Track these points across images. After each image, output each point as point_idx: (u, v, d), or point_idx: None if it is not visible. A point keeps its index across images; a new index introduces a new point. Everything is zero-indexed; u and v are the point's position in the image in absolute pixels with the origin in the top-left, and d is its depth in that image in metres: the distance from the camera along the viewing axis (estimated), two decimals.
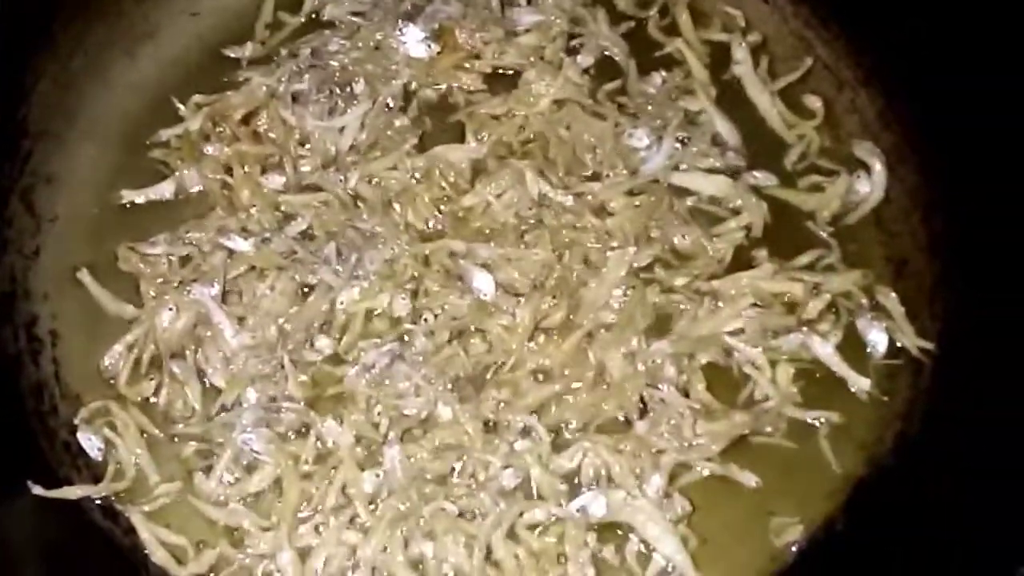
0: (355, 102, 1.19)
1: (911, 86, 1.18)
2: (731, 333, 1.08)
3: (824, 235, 1.15)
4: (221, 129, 1.18)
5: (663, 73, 1.24)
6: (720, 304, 1.10)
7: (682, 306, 1.10)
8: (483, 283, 1.08)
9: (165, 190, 1.16)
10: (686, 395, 1.05)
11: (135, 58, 1.24)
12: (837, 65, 1.24)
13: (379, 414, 1.04)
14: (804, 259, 1.13)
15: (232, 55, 1.25)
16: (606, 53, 1.26)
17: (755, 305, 1.10)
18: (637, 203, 1.14)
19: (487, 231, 1.13)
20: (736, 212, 1.16)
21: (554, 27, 1.26)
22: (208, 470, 1.02)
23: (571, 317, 1.08)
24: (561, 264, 1.11)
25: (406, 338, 1.07)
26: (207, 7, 1.28)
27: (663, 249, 1.13)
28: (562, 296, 1.09)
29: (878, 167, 1.17)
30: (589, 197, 1.15)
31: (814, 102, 1.23)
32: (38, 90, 1.16)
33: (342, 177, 1.15)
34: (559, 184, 1.15)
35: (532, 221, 1.14)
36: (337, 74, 1.21)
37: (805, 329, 1.09)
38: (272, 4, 1.29)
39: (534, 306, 1.08)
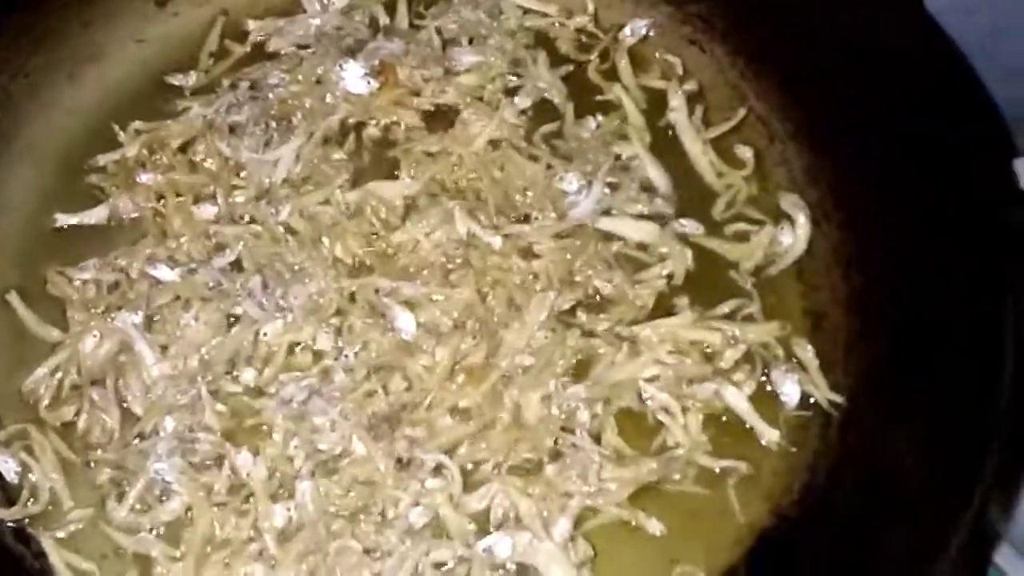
0: (292, 136, 1.20)
1: (839, 142, 1.20)
2: (647, 379, 1.10)
3: (746, 285, 1.17)
4: (157, 157, 1.19)
5: (599, 117, 1.26)
6: (639, 350, 1.11)
7: (601, 350, 1.12)
8: (405, 322, 1.10)
9: (98, 215, 1.17)
10: (598, 440, 1.07)
11: (77, 82, 1.26)
12: (769, 117, 1.26)
13: (295, 448, 1.05)
14: (725, 308, 1.15)
15: (175, 83, 1.26)
16: (544, 96, 1.28)
17: (672, 352, 1.11)
18: (564, 246, 1.16)
19: (413, 269, 1.15)
20: (662, 258, 1.18)
21: (494, 68, 1.28)
22: (120, 497, 1.03)
23: (490, 359, 1.10)
24: (484, 305, 1.12)
25: (326, 374, 1.08)
26: (153, 34, 1.30)
27: (586, 293, 1.15)
28: (483, 337, 1.10)
29: (802, 220, 1.19)
30: (517, 238, 1.16)
31: (745, 152, 1.25)
32: None
33: (274, 209, 1.16)
34: (488, 224, 1.17)
35: (459, 261, 1.15)
36: (275, 107, 1.22)
37: (719, 379, 1.10)
38: (218, 33, 1.30)
39: (454, 346, 1.09)
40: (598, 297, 1.15)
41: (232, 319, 1.11)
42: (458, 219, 1.15)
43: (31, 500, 1.04)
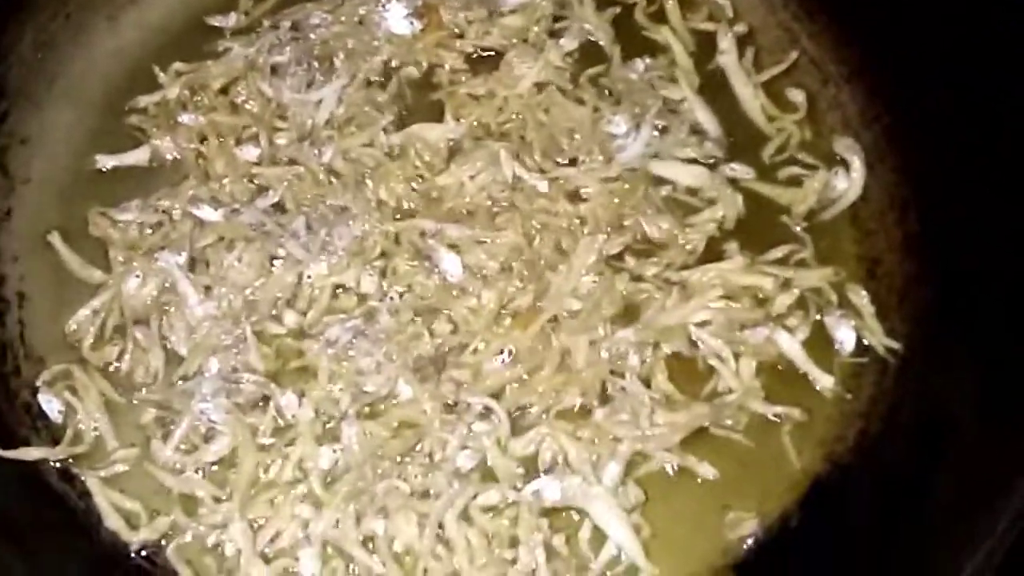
0: (334, 76, 1.18)
1: (895, 84, 1.17)
2: (698, 324, 1.08)
3: (798, 230, 1.14)
4: (199, 98, 1.18)
5: (646, 60, 1.23)
6: (689, 295, 1.09)
7: (650, 295, 1.09)
8: (451, 264, 1.08)
9: (140, 157, 1.16)
10: (648, 385, 1.05)
11: (117, 23, 1.24)
12: (822, 59, 1.23)
13: (340, 390, 1.04)
14: (776, 253, 1.12)
15: (215, 24, 1.24)
16: (590, 38, 1.24)
17: (723, 297, 1.09)
18: (612, 190, 1.14)
19: (459, 212, 1.13)
20: (711, 203, 1.15)
21: (539, 9, 1.25)
22: (166, 437, 1.02)
23: (538, 302, 1.08)
24: (531, 248, 1.10)
25: (371, 315, 1.07)
26: None
27: (635, 237, 1.12)
28: (529, 280, 1.09)
29: (857, 164, 1.16)
30: (563, 182, 1.14)
31: (797, 96, 1.22)
32: (17, 51, 1.16)
33: (316, 151, 1.14)
34: (534, 167, 1.15)
35: (505, 204, 1.13)
36: (317, 48, 1.20)
37: (772, 324, 1.08)
38: None
39: (501, 289, 1.08)
40: (647, 242, 1.13)
41: (276, 260, 1.09)
42: (504, 162, 1.13)
43: (76, 440, 1.03)
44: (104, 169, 1.16)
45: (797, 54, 1.23)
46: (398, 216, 1.13)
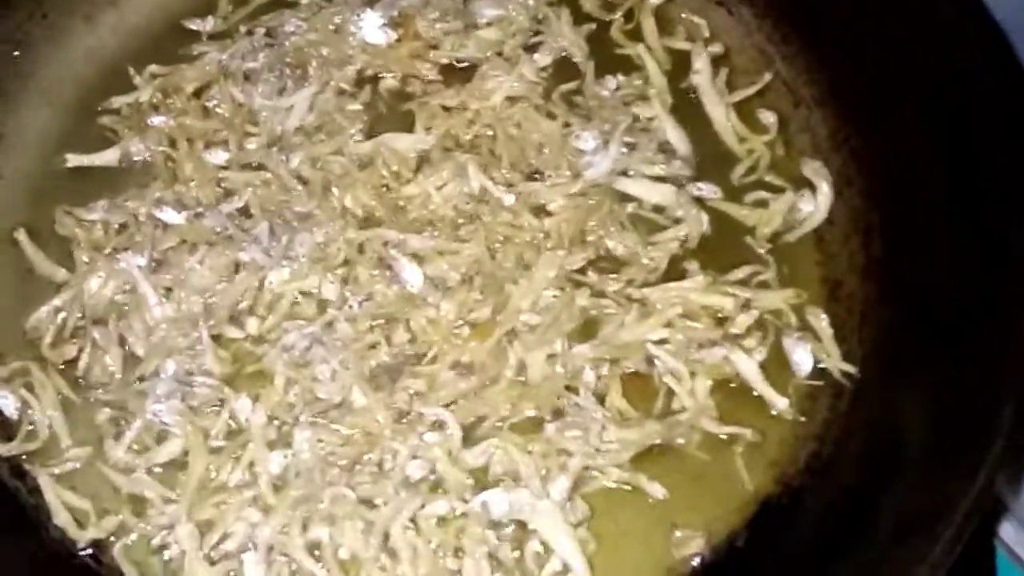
0: (306, 84, 1.19)
1: (865, 108, 1.17)
2: (655, 342, 1.08)
3: (761, 251, 1.14)
4: (171, 101, 1.18)
5: (619, 77, 1.23)
6: (648, 312, 1.09)
7: (610, 311, 1.10)
8: (412, 275, 1.09)
9: (110, 157, 1.17)
10: (602, 401, 1.05)
11: (95, 24, 1.25)
12: (795, 82, 1.23)
13: (295, 395, 1.04)
14: (739, 274, 1.12)
15: (193, 27, 1.25)
16: (564, 54, 1.25)
17: (683, 316, 1.09)
18: (577, 205, 1.14)
19: (424, 222, 1.13)
20: (676, 221, 1.15)
21: (515, 23, 1.25)
22: (119, 437, 1.03)
23: (496, 315, 1.08)
24: (493, 261, 1.11)
25: (330, 324, 1.07)
26: None
27: (598, 253, 1.13)
28: (490, 293, 1.09)
29: (824, 188, 1.16)
30: (529, 196, 1.14)
31: (768, 117, 1.22)
32: None
33: (284, 157, 1.15)
34: (501, 180, 1.15)
35: (470, 216, 1.13)
36: (291, 55, 1.21)
37: (730, 344, 1.08)
38: None
39: (460, 300, 1.08)
40: (610, 257, 1.13)
41: (238, 265, 1.10)
42: (471, 174, 1.14)
43: (29, 437, 1.04)
44: (74, 168, 1.17)
45: (771, 76, 1.23)
46: (363, 225, 1.13)
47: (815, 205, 1.16)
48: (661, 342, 1.08)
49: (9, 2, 1.18)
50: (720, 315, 1.10)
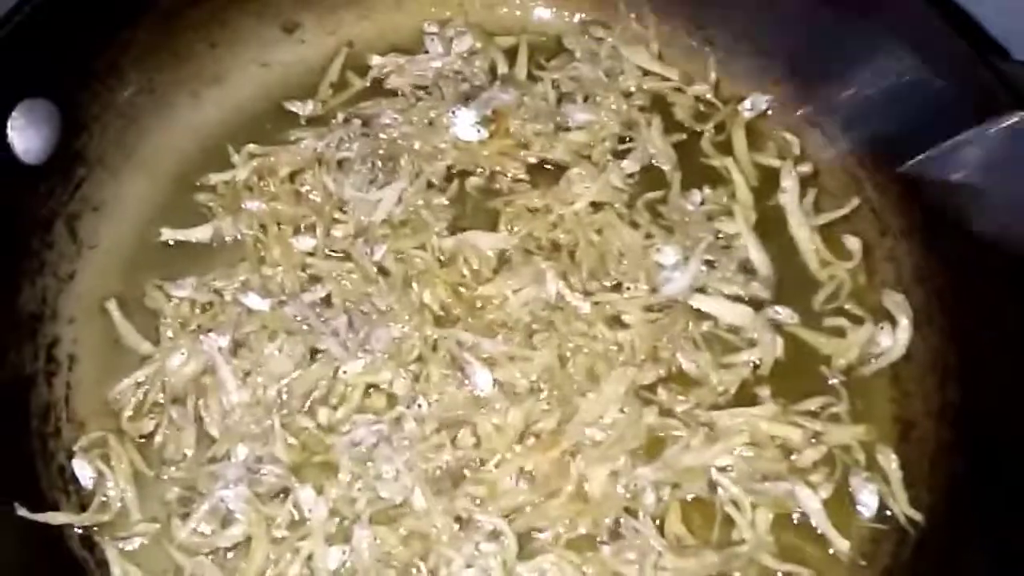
0: (396, 176, 1.21)
1: (954, 246, 1.15)
2: (719, 468, 1.08)
3: (835, 383, 1.14)
4: (265, 184, 1.22)
5: (705, 191, 1.24)
6: (715, 437, 1.09)
7: (676, 432, 1.10)
8: (482, 379, 1.10)
9: (203, 234, 1.20)
10: (660, 525, 1.05)
11: (200, 100, 1.29)
12: (883, 210, 1.21)
13: (359, 490, 1.06)
14: (810, 405, 1.12)
15: (293, 109, 1.29)
16: (652, 161, 1.26)
17: (750, 444, 1.09)
18: (652, 320, 1.15)
19: (498, 324, 1.15)
20: (751, 343, 1.15)
21: (606, 128, 1.27)
22: (186, 517, 1.05)
23: (562, 426, 1.09)
24: (563, 371, 1.12)
25: (397, 421, 1.09)
26: (278, 59, 1.32)
27: (669, 370, 1.13)
28: (558, 403, 1.10)
29: (904, 323, 1.15)
30: (606, 306, 1.15)
31: (853, 243, 1.21)
32: (102, 121, 1.20)
33: (368, 249, 1.17)
34: (578, 288, 1.16)
35: (544, 322, 1.14)
36: (384, 147, 1.23)
37: (795, 478, 1.07)
38: (340, 64, 1.32)
39: (527, 409, 1.09)
40: (680, 375, 1.13)
41: (314, 353, 1.12)
42: (548, 280, 1.15)
43: (102, 508, 1.07)
44: (167, 242, 1.21)
45: (859, 201, 1.23)
46: (440, 322, 1.15)
47: (894, 339, 1.15)
48: (725, 469, 1.08)
49: (123, 76, 1.21)
50: (787, 445, 1.09)
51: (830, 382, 1.14)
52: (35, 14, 1.09)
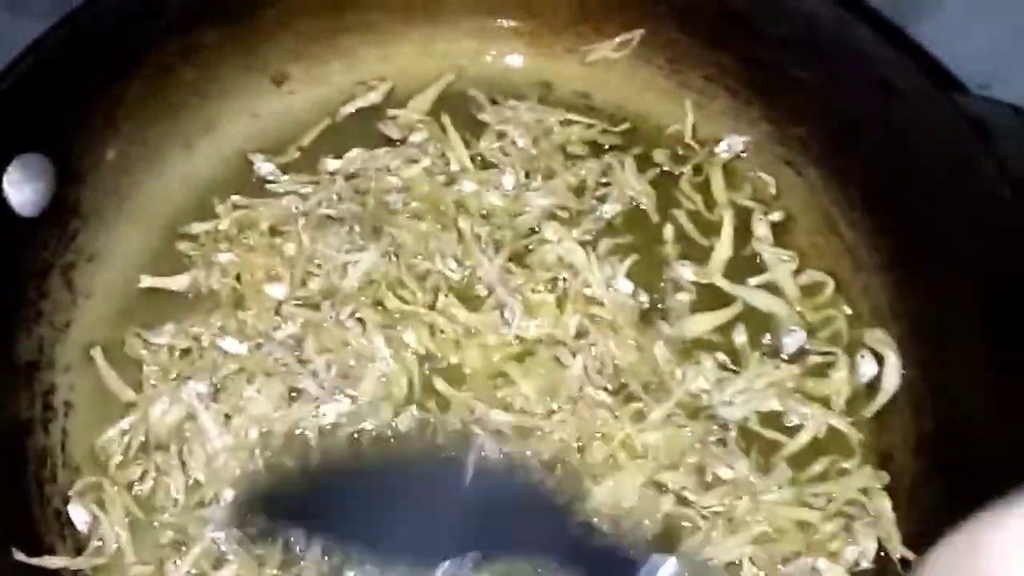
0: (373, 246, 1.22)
1: (928, 278, 1.17)
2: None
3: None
4: (245, 237, 1.24)
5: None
6: (735, 528, 1.07)
7: (693, 524, 1.08)
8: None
9: (180, 283, 1.23)
10: None
11: (192, 151, 1.31)
12: (857, 247, 1.24)
13: None
14: (817, 467, 1.12)
15: (278, 163, 1.31)
16: (633, 203, 1.29)
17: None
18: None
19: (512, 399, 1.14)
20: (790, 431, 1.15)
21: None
22: (179, 560, 1.07)
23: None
24: (580, 457, 1.11)
25: None
26: (268, 110, 1.36)
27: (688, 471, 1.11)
28: (568, 485, 1.09)
29: (892, 358, 1.16)
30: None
31: (828, 281, 1.23)
32: (95, 173, 1.23)
33: (334, 312, 1.18)
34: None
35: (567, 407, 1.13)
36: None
37: (814, 552, 1.06)
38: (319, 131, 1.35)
39: None
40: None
41: (292, 393, 1.14)
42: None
43: (98, 552, 1.08)
44: (152, 290, 1.23)
45: (835, 239, 1.25)
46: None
47: (885, 375, 1.16)
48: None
49: (117, 130, 1.24)
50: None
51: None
52: (31, 72, 1.13)
